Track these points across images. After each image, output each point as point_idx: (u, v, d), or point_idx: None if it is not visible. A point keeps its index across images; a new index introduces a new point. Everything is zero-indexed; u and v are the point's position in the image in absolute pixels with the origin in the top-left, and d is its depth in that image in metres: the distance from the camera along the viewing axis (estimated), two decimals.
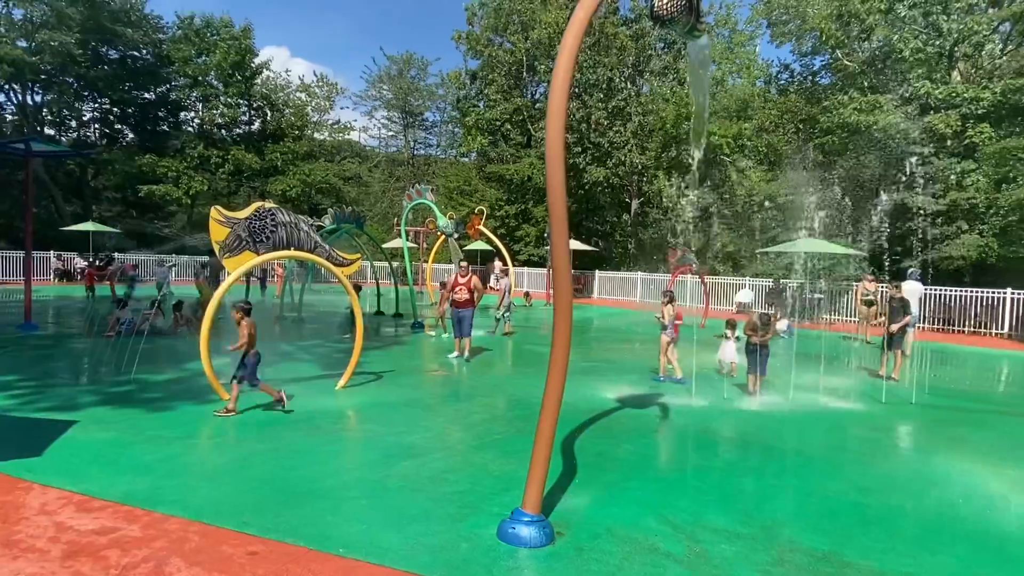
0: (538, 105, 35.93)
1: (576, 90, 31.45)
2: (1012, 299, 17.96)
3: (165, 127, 40.85)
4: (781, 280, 23.27)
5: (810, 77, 32.24)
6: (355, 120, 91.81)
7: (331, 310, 18.54)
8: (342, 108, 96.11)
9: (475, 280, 11.80)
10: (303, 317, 17.55)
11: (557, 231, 4.42)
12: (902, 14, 22.21)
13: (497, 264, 31.43)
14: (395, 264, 26.70)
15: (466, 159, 46.50)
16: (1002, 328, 18.09)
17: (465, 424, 7.56)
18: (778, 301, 21.61)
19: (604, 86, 30.62)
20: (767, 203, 27.86)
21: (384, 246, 29.11)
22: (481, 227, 23.24)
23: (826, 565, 4.13)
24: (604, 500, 5.14)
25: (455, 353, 11.80)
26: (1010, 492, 5.70)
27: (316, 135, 48.42)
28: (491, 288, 31.61)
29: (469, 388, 9.74)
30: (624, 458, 6.30)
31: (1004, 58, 23.78)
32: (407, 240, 22.66)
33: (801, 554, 4.29)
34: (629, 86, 31.21)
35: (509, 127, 36.41)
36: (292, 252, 8.91)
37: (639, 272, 29.12)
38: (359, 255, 10.27)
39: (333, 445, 6.51)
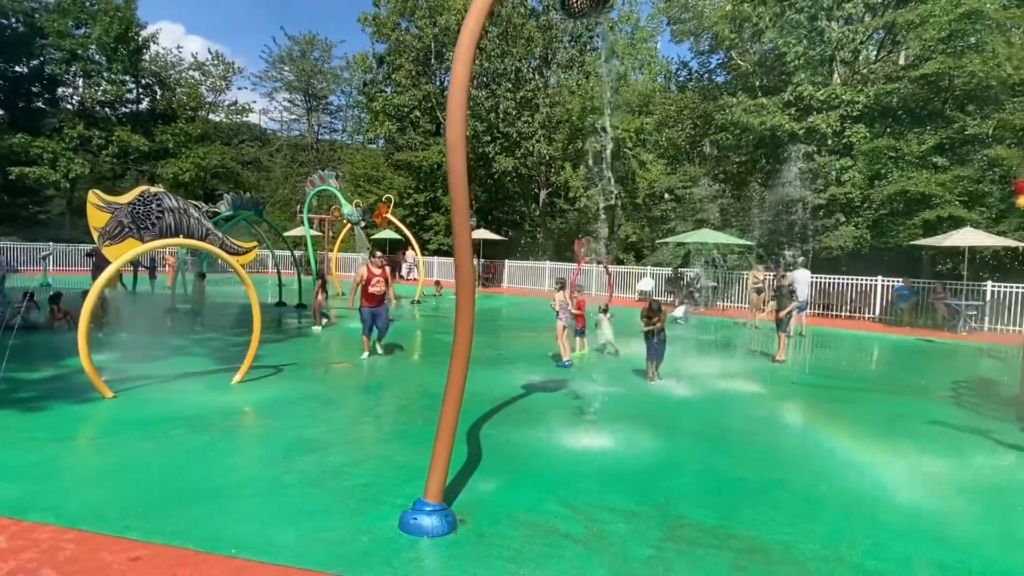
0: (447, 93, 35.63)
1: (484, 79, 31.47)
2: (882, 286, 19.67)
3: (40, 104, 37.36)
4: (680, 269, 24.36)
5: (707, 75, 33.76)
6: (254, 102, 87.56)
7: (229, 301, 17.67)
8: (240, 89, 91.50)
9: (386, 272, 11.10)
10: (197, 309, 16.62)
11: (459, 219, 4.41)
12: (790, 17, 23.61)
13: (408, 253, 31.08)
14: (298, 253, 25.82)
15: (374, 145, 45.53)
16: (873, 312, 19.78)
17: (369, 416, 7.43)
18: (676, 289, 22.64)
19: (512, 76, 30.78)
20: (667, 195, 29.04)
21: (286, 234, 28.06)
22: (389, 215, 22.84)
23: (712, 538, 4.38)
24: (507, 486, 5.20)
25: (365, 354, 10.79)
26: (879, 462, 6.23)
27: (212, 116, 45.86)
28: (401, 278, 31.18)
29: (375, 380, 9.57)
30: (528, 444, 6.41)
31: (877, 64, 25.83)
32: (311, 228, 21.94)
33: (691, 529, 4.52)
34: (537, 77, 31.53)
35: (418, 114, 35.91)
36: (181, 240, 8.40)
37: (548, 261, 29.59)
38: (255, 243, 9.83)
39: (227, 442, 6.22)
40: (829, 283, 20.67)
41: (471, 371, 4.63)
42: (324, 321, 14.53)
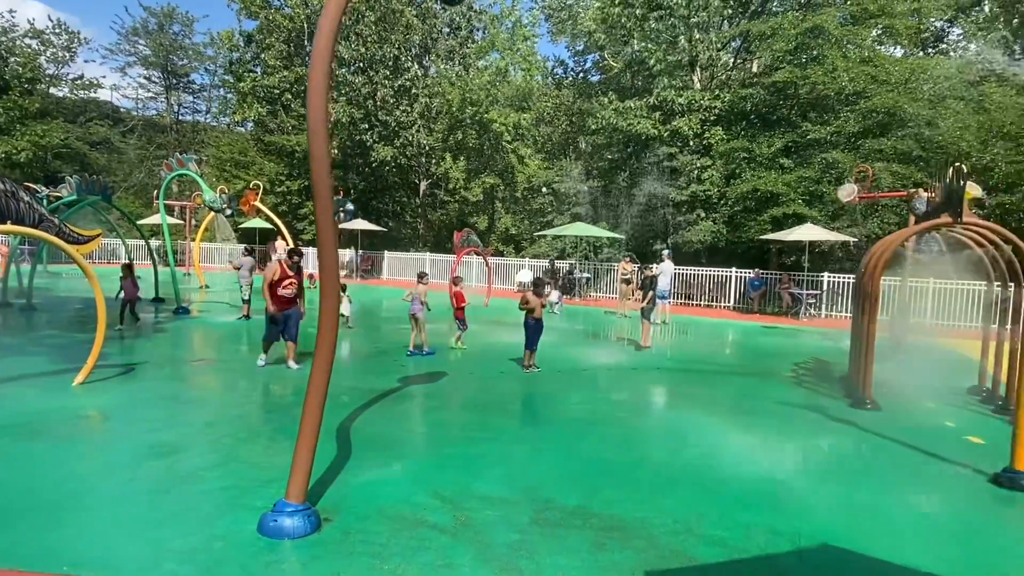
0: None
1: (361, 64, 30.60)
2: (736, 277, 21.33)
3: None
4: (556, 260, 25.07)
5: (582, 74, 34.82)
6: (104, 76, 79.60)
7: (73, 295, 16.05)
8: (87, 62, 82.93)
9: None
10: (34, 304, 14.97)
11: (322, 208, 4.26)
12: (652, 25, 24.87)
13: (279, 244, 29.64)
14: (156, 243, 23.89)
15: (242, 128, 42.94)
16: (728, 301, 21.42)
17: (231, 416, 7.04)
18: (553, 280, 23.27)
19: (391, 63, 30.17)
20: (544, 189, 29.75)
21: (141, 222, 25.87)
22: (257, 203, 21.64)
23: (575, 519, 4.57)
24: (375, 481, 5.13)
25: (263, 359, 9.44)
26: (728, 439, 6.76)
27: (53, 91, 41.26)
28: None
29: (237, 377, 9.06)
30: (399, 437, 6.35)
31: (734, 70, 27.84)
32: (169, 216, 20.35)
33: (555, 511, 4.69)
34: (416, 66, 31.11)
35: (290, 97, 34.26)
36: (9, 227, 7.51)
37: (429, 253, 29.38)
38: (99, 231, 8.97)
39: (63, 450, 5.65)
40: (690, 274, 22.11)
41: (345, 365, 4.51)
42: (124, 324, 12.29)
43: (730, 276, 21.45)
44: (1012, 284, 8.47)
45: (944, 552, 4.37)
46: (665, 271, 16.39)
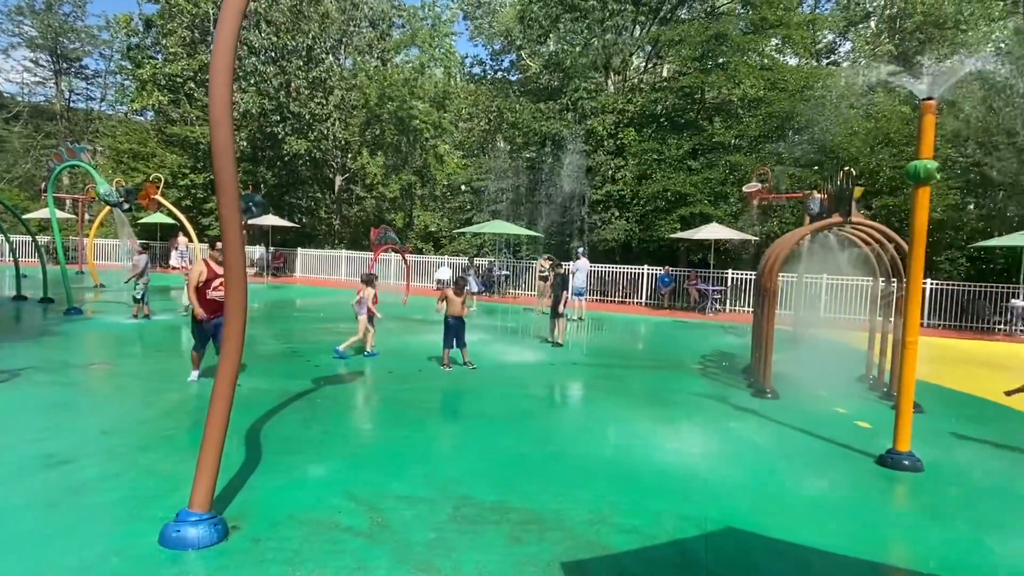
0: None
1: (273, 54, 29.51)
2: (648, 273, 22.09)
3: None
4: (475, 258, 25.10)
5: (500, 73, 34.99)
6: None
7: None
8: None
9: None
10: None
11: (226, 202, 4.07)
12: (568, 26, 25.33)
13: (181, 240, 28.13)
14: (44, 239, 22.15)
15: (141, 118, 40.45)
16: (641, 297, 22.15)
17: (129, 423, 6.62)
18: (471, 277, 23.27)
19: (305, 54, 29.25)
20: (464, 187, 29.72)
21: (27, 216, 23.94)
22: (158, 197, 20.44)
23: (492, 514, 4.60)
24: (287, 485, 4.97)
25: (195, 374, 8.30)
26: (641, 430, 7.00)
27: None
28: (173, 267, 28.23)
29: (136, 381, 8.53)
30: (313, 439, 6.18)
31: (644, 74, 28.76)
32: (59, 210, 18.91)
33: (473, 507, 4.70)
34: (331, 58, 30.30)
35: (194, 85, 32.54)
36: None
37: (344, 250, 28.71)
38: None
39: None
40: (605, 272, 22.70)
41: (256, 366, 4.34)
42: None
43: (642, 273, 22.18)
44: (895, 279, 9.19)
45: (835, 528, 4.69)
46: (581, 268, 16.75)
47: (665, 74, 28.06)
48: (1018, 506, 5.34)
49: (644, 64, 28.84)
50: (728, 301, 20.94)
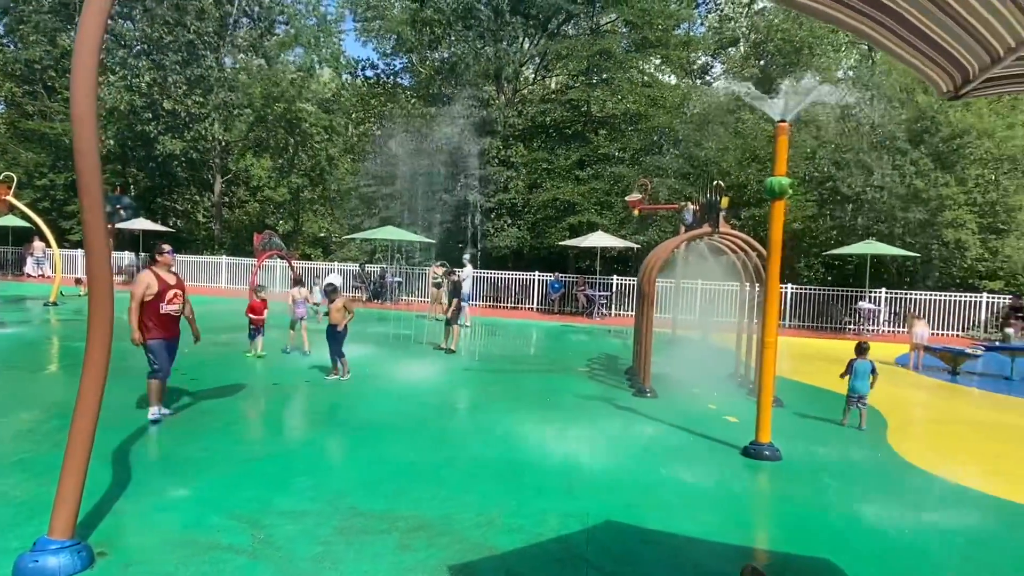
0: None
1: (146, 47, 27.60)
2: (538, 280, 22.65)
3: None
4: (366, 264, 24.68)
5: (392, 76, 34.58)
6: None
7: None
8: None
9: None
10: None
11: (90, 204, 3.84)
12: (462, 33, 25.56)
13: (37, 245, 25.66)
14: None
15: None
16: (532, 303, 22.67)
17: None
18: (363, 284, 22.87)
19: (182, 49, 27.58)
20: (355, 191, 29.13)
21: None
22: (10, 198, 18.55)
23: (380, 523, 4.60)
24: (161, 507, 4.72)
25: (155, 410, 6.91)
26: (529, 432, 7.20)
27: None
28: (28, 275, 25.68)
29: None
30: (190, 456, 5.89)
31: (534, 85, 29.49)
32: None
33: (361, 518, 4.68)
34: (211, 54, 28.77)
35: (55, 74, 29.77)
36: None
37: (225, 256, 27.28)
38: None
39: None
40: (498, 278, 23.05)
41: (123, 382, 4.11)
42: None
43: (533, 279, 22.71)
44: (758, 284, 10.02)
45: (705, 516, 5.08)
46: (466, 276, 16.92)
47: (553, 86, 28.91)
48: (863, 487, 6.00)
49: (533, 76, 29.58)
50: (613, 306, 21.88)
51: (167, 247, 7.17)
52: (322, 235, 31.65)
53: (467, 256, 17.58)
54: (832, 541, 4.73)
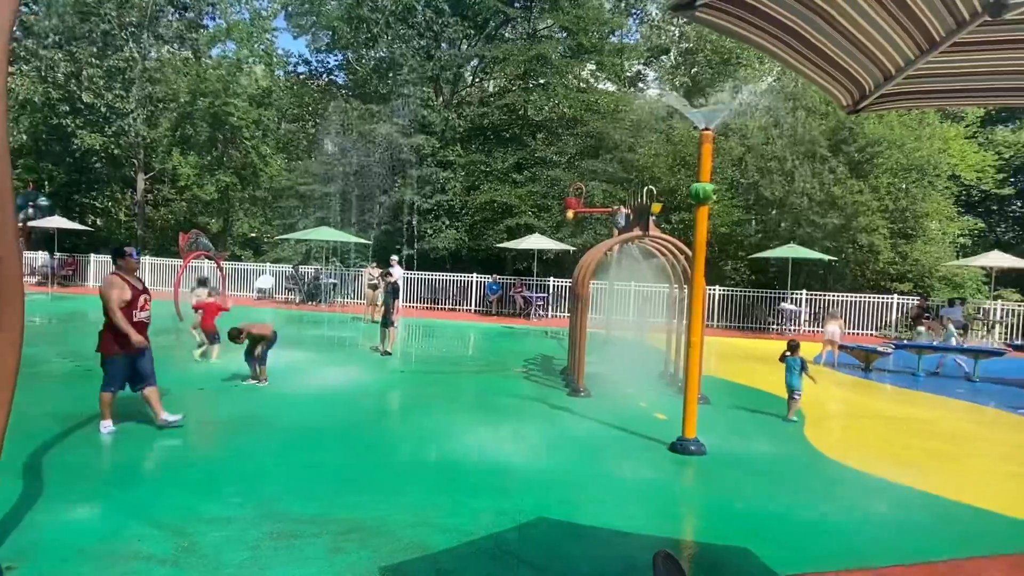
0: None
1: (60, 38, 26.12)
2: (476, 281, 22.71)
3: None
4: (299, 265, 24.15)
5: (326, 74, 33.94)
6: None
7: None
8: None
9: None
10: None
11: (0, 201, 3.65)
12: (401, 32, 25.37)
13: None
14: None
15: None
16: (470, 305, 22.71)
17: None
18: (296, 286, 22.37)
19: (99, 40, 26.25)
20: (288, 191, 28.43)
21: None
22: None
23: (311, 527, 4.54)
24: (78, 518, 4.52)
25: (108, 424, 6.52)
26: (465, 433, 7.23)
27: None
28: None
29: None
30: (109, 465, 5.66)
31: (472, 87, 29.57)
32: None
33: (291, 523, 4.61)
34: (133, 45, 27.49)
35: None
36: None
37: (149, 257, 26.12)
38: None
39: None
40: (436, 280, 22.97)
41: (40, 388, 3.93)
42: None
43: (471, 281, 22.75)
44: (686, 286, 10.38)
45: (633, 510, 5.25)
46: (397, 276, 16.81)
47: (491, 89, 29.05)
48: (781, 479, 6.32)
49: (472, 78, 29.63)
50: (550, 307, 22.16)
51: (131, 249, 6.73)
52: (253, 235, 30.72)
53: (395, 257, 17.44)
54: (752, 530, 4.97)
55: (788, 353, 8.69)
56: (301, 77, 32.06)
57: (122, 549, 4.08)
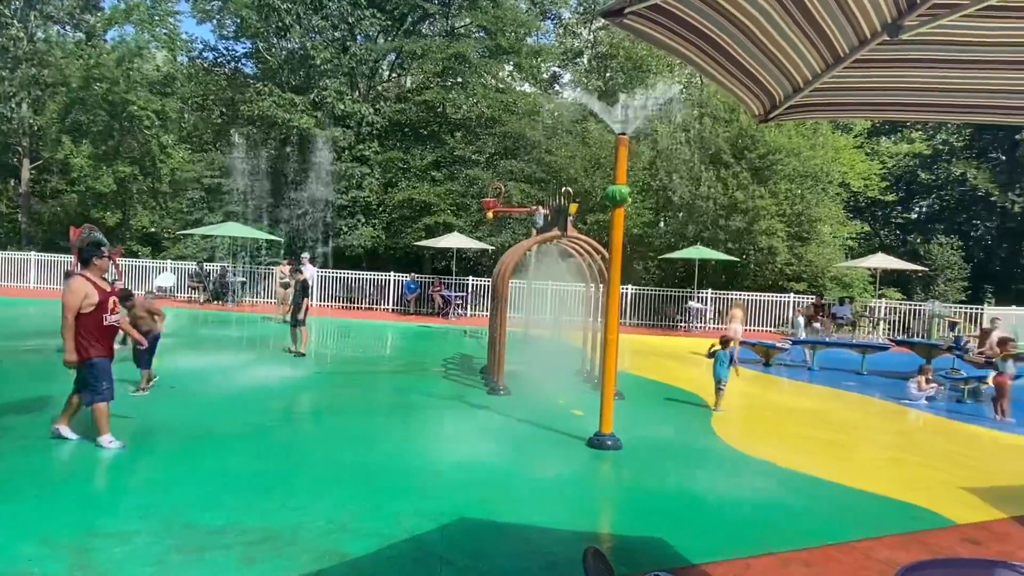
0: None
1: None
2: (394, 280, 22.37)
3: None
4: (205, 263, 23.00)
5: (233, 62, 32.43)
6: None
7: None
8: None
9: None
10: None
11: None
12: (315, 23, 24.59)
13: None
14: None
15: None
16: (388, 304, 22.34)
17: None
18: (200, 284, 21.31)
19: None
20: (192, 183, 26.98)
21: None
22: None
23: (222, 538, 4.33)
24: None
25: (110, 439, 6.12)
26: (384, 435, 7.12)
27: None
28: None
29: None
30: None
31: (390, 83, 29.10)
32: None
33: (199, 534, 4.37)
34: (17, 23, 25.26)
35: None
36: None
37: (33, 252, 24.08)
38: None
39: None
40: (352, 278, 22.44)
41: None
42: None
43: (388, 280, 22.39)
44: (601, 285, 10.64)
45: (553, 506, 5.32)
46: (308, 274, 16.34)
47: (410, 85, 28.68)
48: (692, 470, 6.58)
49: (389, 73, 29.14)
50: (469, 306, 22.14)
51: (104, 248, 6.18)
52: (153, 230, 28.93)
53: (306, 255, 16.90)
54: (666, 520, 5.16)
55: (719, 347, 9.19)
56: (206, 65, 30.46)
57: (8, 571, 3.74)
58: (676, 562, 4.38)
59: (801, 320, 16.90)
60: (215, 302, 21.28)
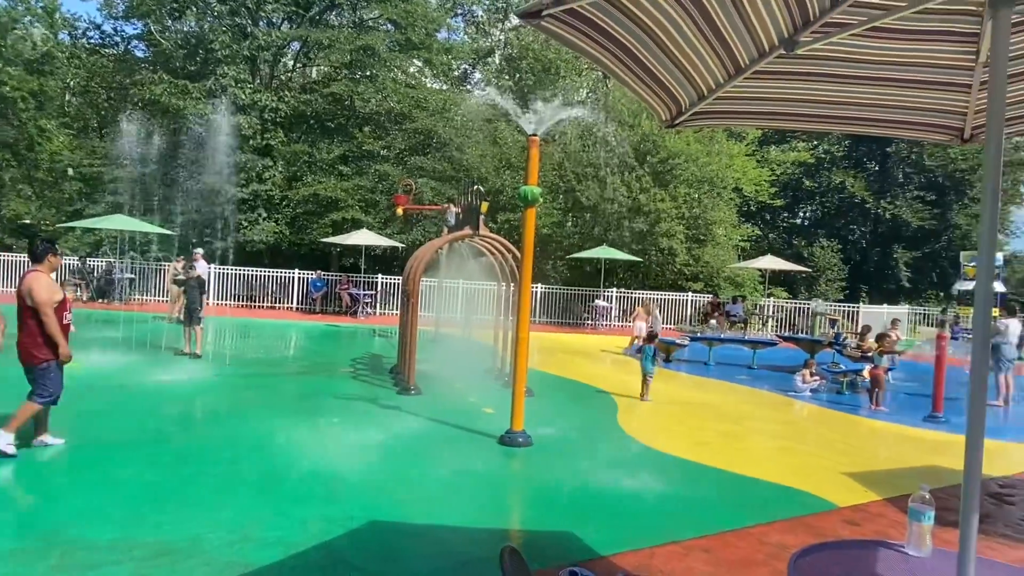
0: None
1: None
2: (299, 278, 21.63)
3: None
4: (88, 259, 21.34)
5: (123, 44, 30.24)
6: None
7: None
8: None
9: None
10: None
11: None
12: (213, 6, 23.32)
13: None
14: None
15: None
16: (292, 302, 21.56)
17: None
18: (84, 280, 19.80)
19: None
20: (71, 171, 24.91)
21: None
22: None
23: (111, 554, 4.03)
24: None
25: (46, 438, 6.10)
26: (287, 438, 6.84)
27: None
28: None
29: None
30: None
31: (295, 72, 28.07)
32: None
33: (85, 551, 4.05)
34: None
35: None
36: None
37: None
38: None
39: None
40: (253, 276, 21.48)
41: None
42: None
43: (293, 277, 21.60)
44: (513, 284, 10.74)
45: (465, 506, 5.32)
46: (201, 271, 15.54)
47: (315, 76, 27.76)
48: (599, 464, 6.76)
49: (294, 63, 28.09)
50: (378, 305, 21.73)
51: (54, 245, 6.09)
52: (28, 221, 26.48)
53: (199, 250, 15.96)
54: (574, 514, 5.28)
55: (647, 342, 9.59)
56: (92, 45, 28.19)
57: None
58: (585, 555, 4.48)
59: (657, 313, 17.85)
60: (100, 300, 19.77)
